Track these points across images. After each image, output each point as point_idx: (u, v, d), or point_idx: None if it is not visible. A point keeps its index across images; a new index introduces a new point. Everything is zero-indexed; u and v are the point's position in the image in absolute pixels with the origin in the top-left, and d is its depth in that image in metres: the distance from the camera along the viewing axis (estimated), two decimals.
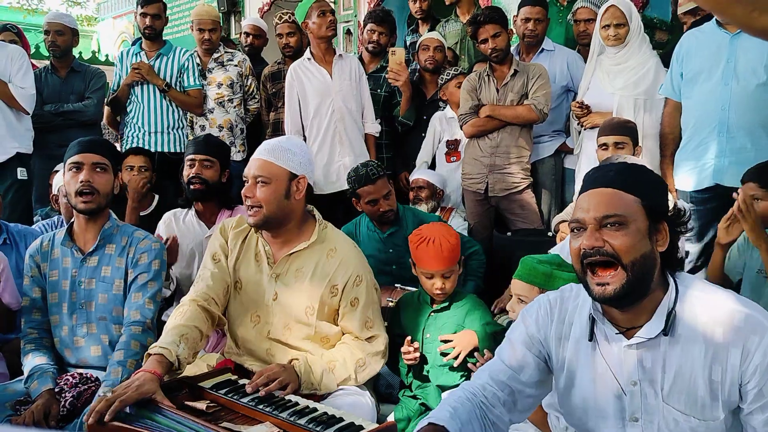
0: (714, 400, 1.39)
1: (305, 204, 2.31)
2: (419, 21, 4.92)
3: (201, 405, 1.85)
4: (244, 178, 2.21)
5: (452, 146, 4.09)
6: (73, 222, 2.48)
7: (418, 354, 2.34)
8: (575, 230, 1.43)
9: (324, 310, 2.22)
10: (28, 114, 4.02)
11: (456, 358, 2.30)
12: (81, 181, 2.33)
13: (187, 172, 3.02)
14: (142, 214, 3.58)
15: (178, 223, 3.10)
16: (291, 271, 2.23)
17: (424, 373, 2.42)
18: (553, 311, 1.56)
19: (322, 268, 2.23)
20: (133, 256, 2.43)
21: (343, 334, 2.28)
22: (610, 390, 1.47)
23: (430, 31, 4.63)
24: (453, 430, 1.41)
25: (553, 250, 2.83)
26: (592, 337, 1.48)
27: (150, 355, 1.95)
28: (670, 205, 1.49)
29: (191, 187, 3.00)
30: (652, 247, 1.40)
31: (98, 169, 2.39)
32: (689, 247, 3.10)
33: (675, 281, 1.44)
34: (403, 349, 2.35)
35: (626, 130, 3.07)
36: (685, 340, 1.40)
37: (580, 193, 1.48)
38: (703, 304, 1.41)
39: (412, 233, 2.50)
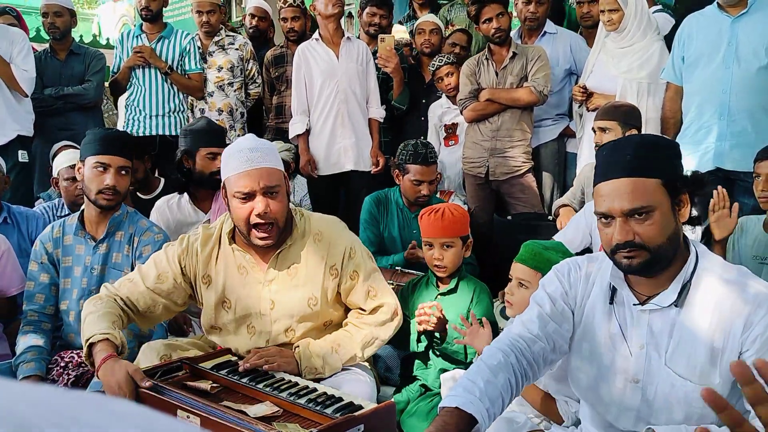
0: (713, 366, 1.45)
1: None
2: (418, 6, 4.88)
3: (205, 385, 1.87)
4: (242, 195, 1.97)
5: (450, 130, 4.09)
6: (83, 210, 2.53)
7: (435, 318, 2.27)
8: (603, 219, 1.48)
9: (327, 296, 2.12)
10: (27, 96, 4.02)
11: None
12: (107, 185, 2.42)
13: (209, 167, 2.93)
14: (148, 197, 3.59)
15: (172, 210, 3.05)
16: (283, 272, 2.09)
17: (428, 361, 2.44)
18: (581, 271, 1.63)
19: (314, 254, 2.10)
20: (137, 246, 2.49)
21: (348, 311, 2.22)
22: (619, 350, 1.54)
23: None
24: (479, 416, 1.37)
25: (555, 237, 2.84)
26: (612, 300, 1.55)
27: (92, 344, 1.87)
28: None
29: (216, 177, 2.89)
30: (676, 222, 1.45)
31: (122, 172, 2.47)
32: (689, 233, 3.10)
33: (697, 253, 1.49)
34: (418, 312, 2.29)
35: (613, 113, 3.00)
36: (695, 309, 1.46)
37: (596, 176, 1.50)
38: (718, 279, 1.46)
39: (423, 209, 2.56)
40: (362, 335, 2.13)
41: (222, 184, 2.07)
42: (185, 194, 3.06)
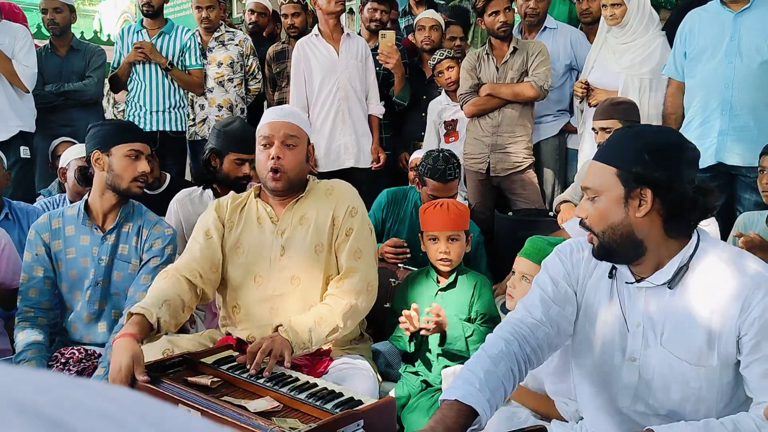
0: (710, 348, 1.44)
1: None
2: (415, 3, 4.86)
3: (205, 380, 1.87)
4: (262, 141, 2.21)
5: (450, 127, 4.09)
6: (86, 200, 2.50)
7: (414, 325, 2.28)
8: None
9: (331, 246, 2.24)
10: (28, 91, 4.02)
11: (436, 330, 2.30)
12: (141, 171, 2.46)
13: (236, 171, 2.92)
14: (154, 193, 3.58)
15: (194, 203, 3.02)
16: (295, 222, 2.24)
17: (428, 355, 2.43)
18: (584, 251, 1.62)
19: (324, 205, 2.26)
20: (146, 239, 2.48)
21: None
22: (617, 326, 1.55)
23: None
24: (480, 408, 1.37)
25: (564, 226, 2.83)
26: (611, 274, 1.57)
27: (131, 314, 1.95)
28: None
29: (241, 182, 2.93)
30: (626, 214, 1.45)
31: (149, 159, 2.53)
32: None
33: (698, 238, 1.48)
34: (404, 312, 2.29)
35: (612, 112, 2.97)
36: (690, 292, 1.45)
37: None
38: (716, 261, 1.45)
39: (424, 204, 2.56)
40: (341, 305, 2.14)
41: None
42: (208, 189, 3.02)
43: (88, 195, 2.52)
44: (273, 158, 2.17)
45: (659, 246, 1.47)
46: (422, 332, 2.30)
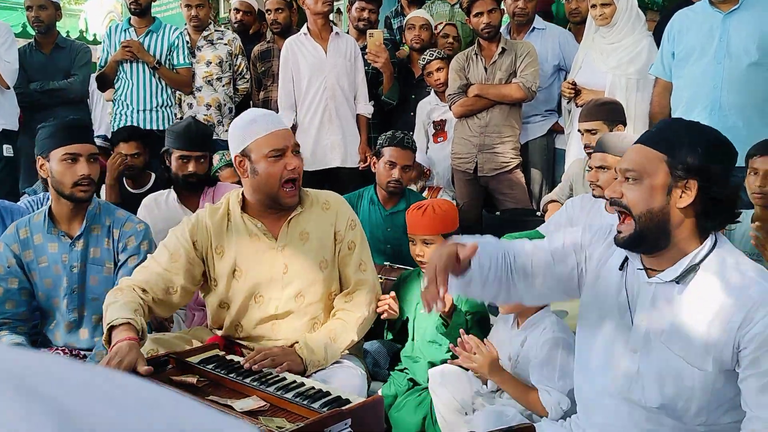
0: (707, 353, 1.45)
1: None
2: (407, 3, 4.86)
3: (191, 379, 1.85)
4: (276, 152, 2.06)
5: (438, 127, 4.09)
6: (50, 207, 2.42)
7: (393, 308, 2.34)
8: (617, 178, 1.57)
9: (335, 260, 2.23)
10: (9, 88, 3.97)
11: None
12: (81, 175, 2.30)
13: (182, 169, 2.93)
14: (139, 191, 3.56)
15: (160, 207, 3.01)
16: (295, 237, 2.17)
17: (415, 353, 2.42)
18: (607, 234, 1.64)
19: (324, 221, 2.22)
20: (118, 239, 2.40)
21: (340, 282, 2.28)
22: (623, 318, 1.56)
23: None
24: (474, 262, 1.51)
25: (542, 228, 2.84)
26: (623, 266, 1.58)
27: (113, 327, 1.87)
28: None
29: (189, 180, 2.94)
30: (667, 202, 1.46)
31: (92, 160, 2.35)
32: None
33: (716, 242, 1.49)
34: (382, 297, 2.33)
35: (596, 114, 2.95)
36: (698, 293, 1.46)
37: None
38: (729, 269, 1.45)
39: (412, 204, 2.57)
40: (355, 318, 2.18)
41: (240, 154, 2.10)
42: (172, 192, 3.02)
43: (51, 200, 2.43)
44: (293, 169, 2.08)
45: (684, 240, 1.48)
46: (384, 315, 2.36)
